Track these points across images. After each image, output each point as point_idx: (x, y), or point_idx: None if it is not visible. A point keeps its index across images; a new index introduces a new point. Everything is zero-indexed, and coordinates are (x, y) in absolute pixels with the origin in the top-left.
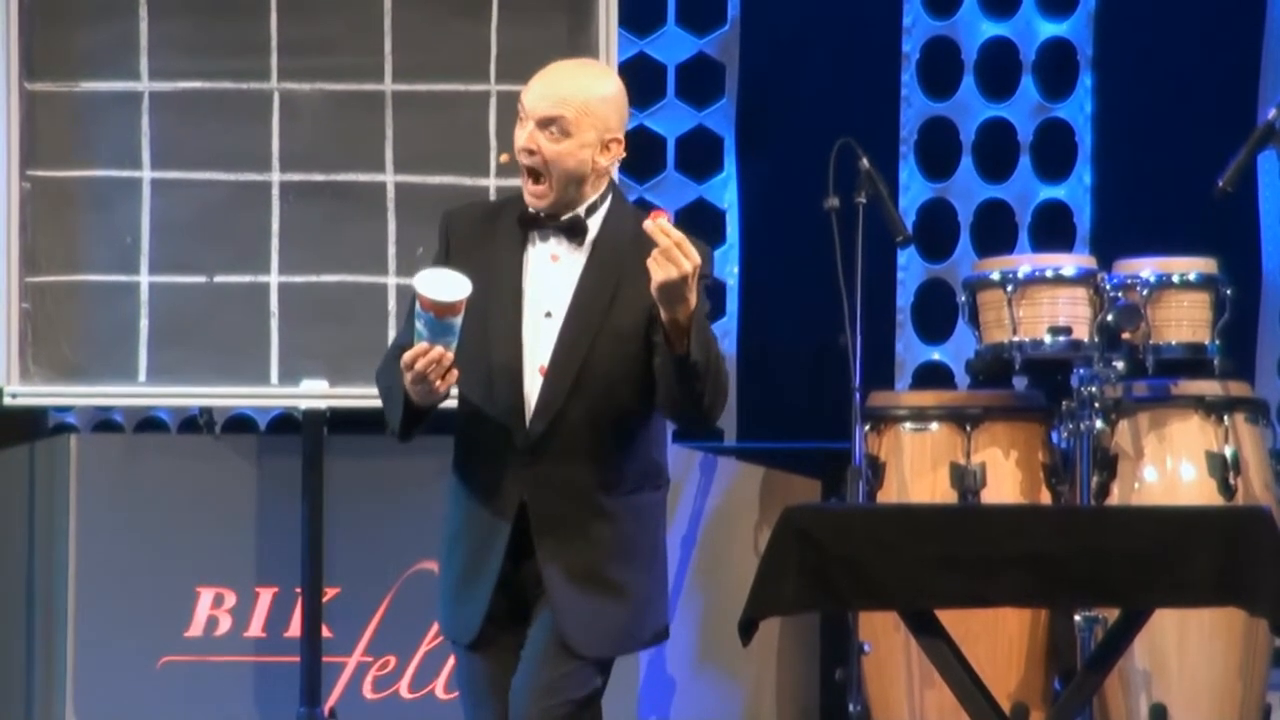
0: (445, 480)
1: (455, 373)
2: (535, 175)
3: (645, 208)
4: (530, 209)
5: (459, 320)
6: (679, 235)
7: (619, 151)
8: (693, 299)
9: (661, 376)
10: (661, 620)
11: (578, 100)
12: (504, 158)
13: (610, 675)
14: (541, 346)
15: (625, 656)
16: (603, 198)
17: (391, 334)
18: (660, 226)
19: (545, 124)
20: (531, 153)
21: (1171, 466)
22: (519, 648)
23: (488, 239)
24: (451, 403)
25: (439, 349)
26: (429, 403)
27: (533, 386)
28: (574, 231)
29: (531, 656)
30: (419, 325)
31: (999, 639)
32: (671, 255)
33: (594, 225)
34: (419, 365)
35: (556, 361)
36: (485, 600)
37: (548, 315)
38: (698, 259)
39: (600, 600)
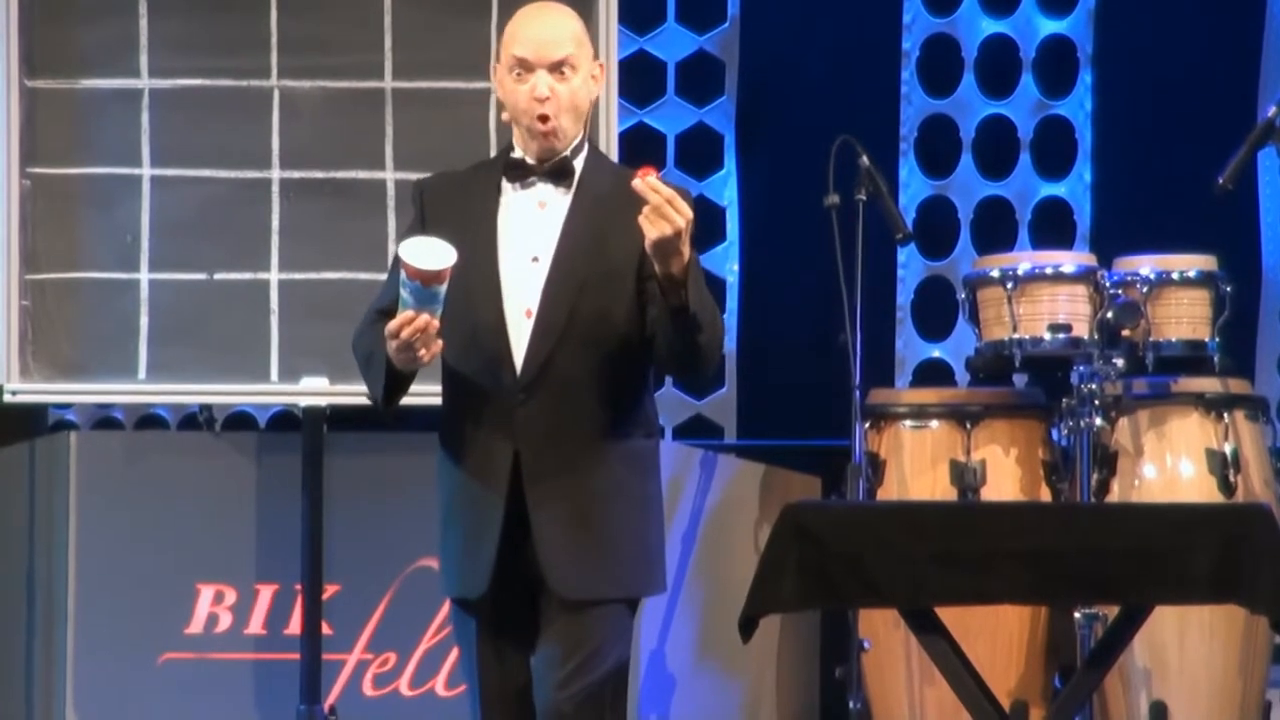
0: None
1: (440, 342)
2: (547, 121)
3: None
4: (534, 153)
5: (444, 288)
6: (670, 191)
7: (601, 78)
8: (686, 252)
9: (659, 328)
10: (657, 570)
11: (571, 36)
12: (505, 117)
13: (629, 651)
14: (529, 292)
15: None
16: (584, 139)
17: None
18: (650, 184)
19: (554, 68)
20: (544, 100)
21: (1171, 464)
22: (523, 621)
23: (462, 199)
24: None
25: (425, 317)
26: (411, 369)
27: (519, 333)
28: (561, 175)
29: (546, 654)
30: (404, 294)
31: (999, 636)
32: (664, 211)
33: (578, 167)
34: (405, 334)
35: (545, 305)
36: (492, 553)
37: (534, 260)
38: (690, 213)
39: (589, 542)
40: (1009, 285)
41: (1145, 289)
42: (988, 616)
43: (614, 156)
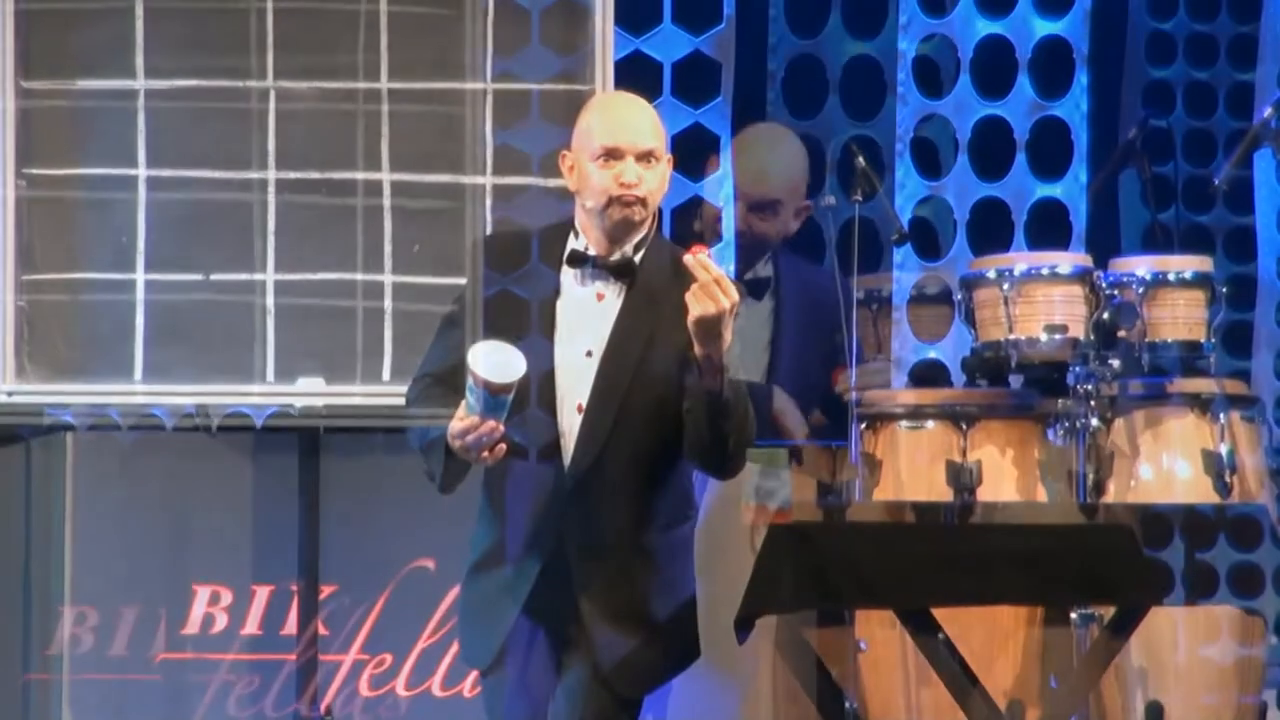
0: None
1: (504, 446)
2: (633, 209)
3: (681, 245)
4: (599, 243)
5: (511, 397)
6: (718, 271)
7: (669, 171)
8: (728, 336)
9: (690, 419)
10: (694, 646)
11: (656, 129)
12: (590, 204)
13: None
14: (581, 387)
15: None
16: (650, 232)
17: (389, 331)
18: (700, 261)
19: (643, 157)
20: (633, 185)
21: (1167, 464)
22: (547, 660)
23: (524, 275)
24: None
25: (491, 423)
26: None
27: (571, 425)
28: (623, 271)
29: (569, 692)
30: (471, 399)
31: (995, 636)
32: (710, 291)
33: (639, 262)
34: (470, 439)
35: (595, 400)
36: (505, 627)
37: (588, 355)
38: (736, 296)
39: (640, 640)
40: (1005, 286)
41: (1141, 290)
42: (984, 617)
43: None
